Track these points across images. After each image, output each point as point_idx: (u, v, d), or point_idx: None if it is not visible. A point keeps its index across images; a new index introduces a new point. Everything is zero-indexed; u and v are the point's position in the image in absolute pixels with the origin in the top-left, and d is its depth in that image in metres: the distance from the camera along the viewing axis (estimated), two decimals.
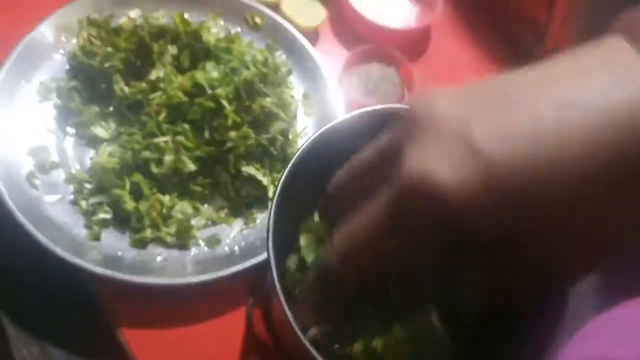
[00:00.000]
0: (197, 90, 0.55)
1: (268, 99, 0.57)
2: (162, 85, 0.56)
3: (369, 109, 0.38)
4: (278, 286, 0.31)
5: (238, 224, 0.57)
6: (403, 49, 0.71)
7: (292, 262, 0.37)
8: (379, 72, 0.71)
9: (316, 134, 0.36)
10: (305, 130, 0.62)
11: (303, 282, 0.35)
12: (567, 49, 0.29)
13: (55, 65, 0.59)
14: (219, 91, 0.55)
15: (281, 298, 0.31)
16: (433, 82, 0.73)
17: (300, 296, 0.34)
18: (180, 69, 0.59)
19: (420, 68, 0.73)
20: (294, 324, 0.30)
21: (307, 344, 0.30)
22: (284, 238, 0.37)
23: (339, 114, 0.63)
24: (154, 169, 0.54)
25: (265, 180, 0.57)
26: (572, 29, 0.70)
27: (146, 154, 0.54)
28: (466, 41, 0.78)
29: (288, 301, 0.31)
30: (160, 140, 0.53)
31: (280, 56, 0.67)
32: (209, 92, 0.55)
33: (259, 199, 0.58)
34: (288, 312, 0.31)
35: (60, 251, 0.49)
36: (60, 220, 0.52)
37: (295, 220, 0.38)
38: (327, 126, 0.37)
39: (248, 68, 0.57)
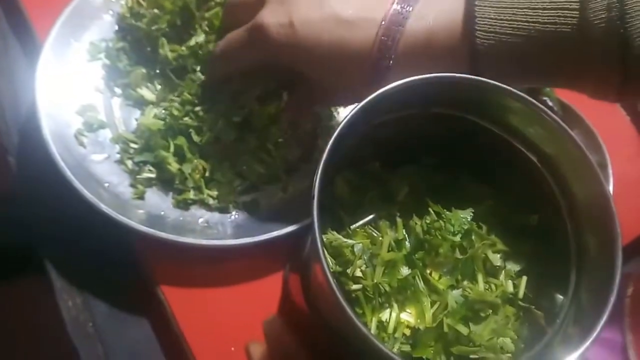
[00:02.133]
0: None
1: None
2: (200, 52, 0.56)
3: (414, 78, 0.38)
4: (321, 250, 0.31)
5: (277, 190, 0.58)
6: None
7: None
8: None
9: (362, 102, 0.36)
10: None
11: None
12: None
13: (105, 25, 0.60)
14: None
15: (323, 261, 0.31)
16: None
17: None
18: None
19: None
20: (334, 287, 0.30)
21: (346, 307, 0.30)
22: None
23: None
24: (195, 137, 0.54)
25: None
26: None
27: (187, 120, 0.54)
28: None
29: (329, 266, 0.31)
30: (199, 108, 0.54)
31: None
32: None
33: (298, 166, 0.58)
34: (330, 276, 0.31)
35: (105, 208, 0.50)
36: (106, 179, 0.54)
37: None
38: (375, 94, 0.36)
39: None
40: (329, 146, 0.34)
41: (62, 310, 0.53)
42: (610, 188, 0.61)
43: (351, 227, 0.40)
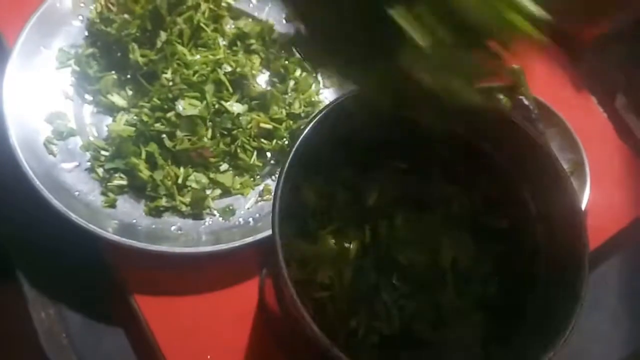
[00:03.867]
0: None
1: None
2: (169, 53, 0.56)
3: None
4: (282, 261, 0.31)
5: (253, 195, 0.57)
6: None
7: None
8: None
9: (329, 106, 0.35)
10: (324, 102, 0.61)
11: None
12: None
13: (74, 31, 0.59)
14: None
15: (284, 271, 0.30)
16: None
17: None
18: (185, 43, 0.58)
19: None
20: (295, 297, 0.30)
21: (308, 317, 0.29)
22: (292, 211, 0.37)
23: None
24: (167, 143, 0.54)
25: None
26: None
27: (158, 126, 0.53)
28: None
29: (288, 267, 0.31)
30: (171, 114, 0.53)
31: None
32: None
33: (274, 171, 0.58)
34: (291, 286, 0.30)
35: (75, 217, 0.49)
36: (77, 187, 0.53)
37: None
38: (340, 98, 0.36)
39: None
40: (290, 155, 0.33)
41: (35, 321, 0.52)
42: (587, 186, 0.61)
43: (319, 233, 0.40)
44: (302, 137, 0.35)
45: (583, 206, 0.60)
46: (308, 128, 0.35)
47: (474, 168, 0.41)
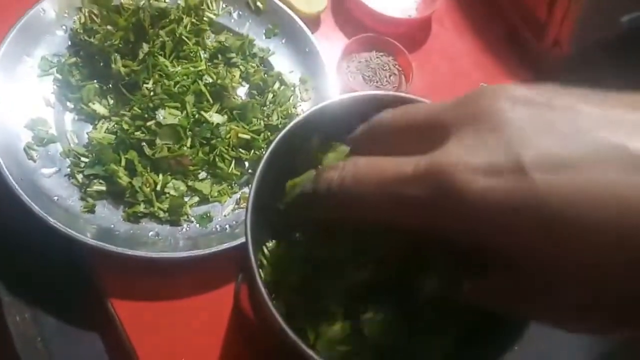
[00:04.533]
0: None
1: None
2: (150, 65, 0.57)
3: (358, 93, 0.39)
4: (252, 258, 0.32)
5: (231, 203, 0.58)
6: (403, 39, 0.72)
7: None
8: (377, 61, 0.71)
9: (299, 117, 0.37)
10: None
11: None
12: (567, 44, 0.30)
13: (57, 40, 0.60)
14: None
15: (255, 272, 0.32)
16: (432, 73, 0.74)
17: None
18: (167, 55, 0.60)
19: (419, 59, 0.74)
20: (266, 298, 0.31)
21: (279, 318, 0.31)
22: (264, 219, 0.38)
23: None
24: (147, 150, 0.55)
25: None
26: (572, 24, 0.70)
27: (138, 134, 0.55)
28: (466, 33, 0.78)
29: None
30: (152, 123, 0.54)
31: (280, 41, 0.68)
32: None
33: (252, 180, 0.59)
34: (261, 287, 0.32)
35: (54, 222, 0.50)
36: (56, 192, 0.54)
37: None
38: (311, 110, 0.37)
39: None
40: (265, 157, 0.35)
41: (9, 325, 0.52)
42: None
43: (295, 236, 0.41)
44: (273, 144, 0.37)
45: None
46: (279, 136, 0.37)
47: None
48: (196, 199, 0.57)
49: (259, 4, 0.68)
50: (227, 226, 0.57)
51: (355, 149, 0.33)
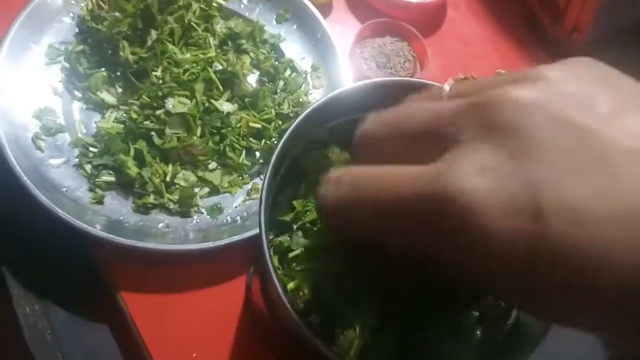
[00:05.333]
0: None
1: None
2: (159, 52, 0.56)
3: (374, 79, 0.38)
4: (268, 256, 0.31)
5: (241, 194, 0.57)
6: (417, 24, 0.70)
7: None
8: (391, 46, 0.70)
9: (314, 104, 0.36)
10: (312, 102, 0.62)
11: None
12: (586, 29, 0.28)
13: (65, 28, 0.59)
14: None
15: (268, 261, 0.31)
16: (447, 59, 0.72)
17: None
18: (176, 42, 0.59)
19: (434, 44, 0.72)
20: (282, 294, 0.30)
21: (294, 314, 0.30)
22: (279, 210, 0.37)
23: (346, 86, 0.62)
24: (157, 140, 0.54)
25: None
26: (592, 9, 0.68)
27: (147, 124, 0.54)
28: (482, 18, 0.76)
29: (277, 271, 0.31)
30: (161, 112, 0.53)
31: (291, 26, 0.66)
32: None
33: (262, 170, 0.58)
34: (277, 281, 0.31)
35: (62, 213, 0.49)
36: (64, 183, 0.53)
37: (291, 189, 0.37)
38: (325, 97, 0.36)
39: None
40: (276, 152, 0.34)
41: (19, 317, 0.52)
42: None
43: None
44: (287, 134, 0.35)
45: None
46: (293, 126, 0.35)
47: None
48: (206, 190, 0.56)
49: None
50: (238, 218, 0.56)
51: (354, 156, 0.29)
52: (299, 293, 0.34)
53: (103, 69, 0.58)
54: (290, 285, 0.35)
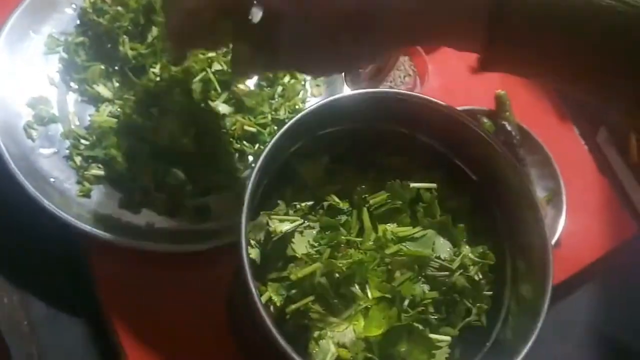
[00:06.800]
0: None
1: None
2: (159, 49, 0.56)
3: (365, 90, 0.38)
4: (247, 264, 0.31)
5: (230, 196, 0.57)
6: None
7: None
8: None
9: (302, 113, 0.35)
10: None
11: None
12: None
13: (66, 19, 0.59)
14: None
15: (247, 271, 0.30)
16: (448, 75, 0.72)
17: None
18: None
19: (436, 60, 0.71)
20: (258, 301, 0.30)
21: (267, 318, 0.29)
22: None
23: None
24: (149, 137, 0.53)
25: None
26: None
27: (141, 120, 0.53)
28: None
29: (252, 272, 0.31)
30: (156, 109, 0.53)
31: None
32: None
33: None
34: (254, 289, 0.30)
35: (47, 204, 0.48)
36: (53, 174, 0.52)
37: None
38: (314, 105, 0.36)
39: None
40: (261, 159, 0.33)
41: None
42: (563, 216, 0.62)
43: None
44: (273, 141, 0.35)
45: (557, 235, 0.61)
46: (279, 133, 0.35)
47: (447, 185, 0.41)
48: (196, 191, 0.55)
49: None
50: (225, 220, 0.55)
51: None
52: (274, 301, 0.34)
53: (101, 63, 0.58)
54: (267, 293, 0.35)
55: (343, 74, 0.42)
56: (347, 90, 0.62)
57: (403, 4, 0.33)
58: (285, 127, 0.35)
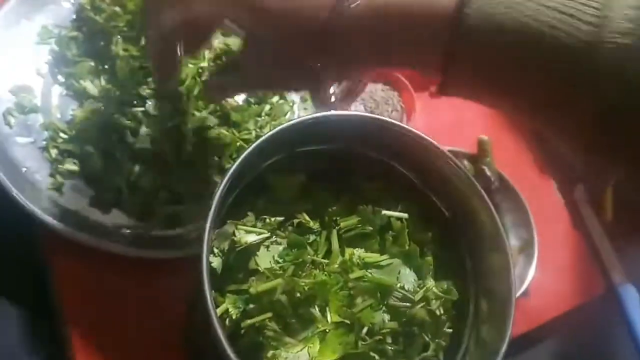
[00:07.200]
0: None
1: None
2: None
3: (340, 112, 0.38)
4: (206, 278, 0.30)
5: (203, 209, 0.56)
6: (411, 76, 0.71)
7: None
8: (381, 93, 0.70)
9: (283, 125, 0.35)
10: None
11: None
12: None
13: (62, 12, 0.59)
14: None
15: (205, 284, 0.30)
16: (434, 118, 0.72)
17: None
18: None
19: (424, 100, 0.72)
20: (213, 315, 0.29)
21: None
22: None
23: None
24: (129, 139, 0.53)
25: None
26: None
27: (123, 121, 0.53)
28: None
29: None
30: (139, 110, 0.53)
31: None
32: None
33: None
34: (210, 302, 0.30)
35: (15, 192, 0.48)
36: (26, 163, 0.51)
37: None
38: (296, 120, 0.36)
39: None
40: (238, 161, 0.33)
41: None
42: (533, 266, 0.62)
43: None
44: (250, 149, 0.35)
45: (526, 285, 0.61)
46: (257, 142, 0.35)
47: (419, 219, 0.41)
48: (169, 197, 0.55)
49: None
50: (196, 230, 0.54)
51: None
52: (231, 314, 0.33)
53: (92, 59, 0.58)
54: (224, 305, 0.34)
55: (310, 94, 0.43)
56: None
57: (368, 26, 0.34)
58: (265, 136, 0.35)
